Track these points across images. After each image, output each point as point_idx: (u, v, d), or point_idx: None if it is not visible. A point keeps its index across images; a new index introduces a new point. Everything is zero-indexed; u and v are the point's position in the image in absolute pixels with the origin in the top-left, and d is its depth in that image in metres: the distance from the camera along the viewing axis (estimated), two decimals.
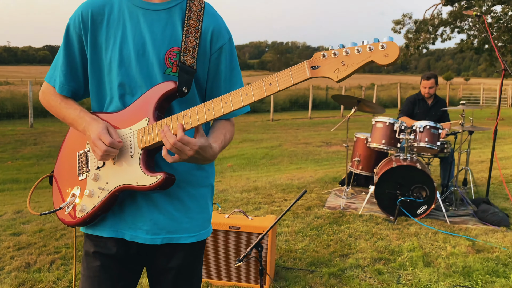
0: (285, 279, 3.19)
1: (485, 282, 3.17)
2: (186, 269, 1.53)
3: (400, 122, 4.87)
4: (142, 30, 1.39)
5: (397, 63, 1.13)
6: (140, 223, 1.44)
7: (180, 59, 1.37)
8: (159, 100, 1.36)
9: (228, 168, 8.82)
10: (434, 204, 4.48)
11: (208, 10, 1.44)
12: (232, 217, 3.22)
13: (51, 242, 3.88)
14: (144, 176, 1.35)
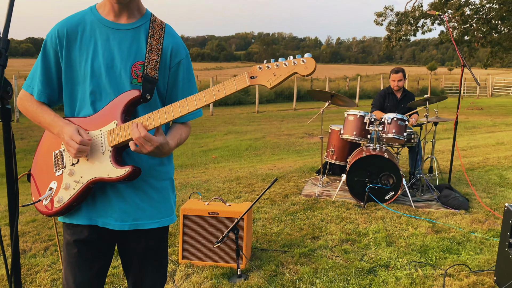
0: (260, 259, 3.53)
1: (438, 258, 3.56)
2: (153, 251, 1.80)
3: (370, 115, 5.23)
4: (111, 47, 1.63)
5: (312, 73, 1.45)
6: (110, 212, 1.68)
7: (144, 71, 1.63)
8: (126, 105, 1.61)
9: (213, 159, 9.13)
10: (400, 191, 4.86)
11: (168, 30, 1.72)
12: (211, 204, 3.54)
13: (44, 230, 4.17)
14: (114, 169, 1.59)
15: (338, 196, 5.20)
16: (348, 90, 30.23)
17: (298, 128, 14.22)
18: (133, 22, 1.67)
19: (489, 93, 32.42)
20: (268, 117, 19.34)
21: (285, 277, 3.24)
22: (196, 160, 9.13)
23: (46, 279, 3.19)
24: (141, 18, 1.68)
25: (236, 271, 3.28)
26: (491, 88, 32.94)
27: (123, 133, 1.57)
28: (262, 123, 16.91)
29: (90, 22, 1.65)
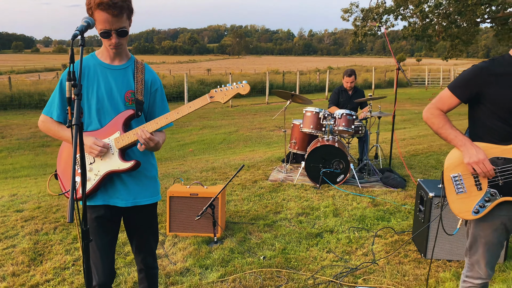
0: (232, 230, 4.43)
1: (372, 224, 4.55)
2: (148, 220, 2.61)
3: (323, 111, 6.18)
4: (110, 81, 2.36)
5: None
6: (117, 194, 2.45)
7: (135, 97, 2.42)
8: (125, 120, 2.38)
9: (190, 153, 9.96)
10: (349, 174, 5.84)
11: (147, 68, 2.51)
12: (192, 187, 4.42)
13: (50, 214, 4.95)
14: (122, 163, 2.37)
15: (299, 180, 6.15)
16: (318, 83, 31.29)
17: (270, 122, 15.13)
18: (123, 64, 2.43)
19: None
20: (241, 111, 20.08)
21: (251, 241, 4.16)
22: (174, 154, 9.95)
23: (61, 250, 4.01)
24: (128, 61, 2.46)
25: (213, 239, 4.17)
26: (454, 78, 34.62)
27: (126, 139, 2.36)
28: (236, 117, 17.72)
29: (93, 65, 2.40)
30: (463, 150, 2.28)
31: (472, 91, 2.31)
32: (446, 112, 2.42)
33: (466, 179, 2.31)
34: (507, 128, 2.23)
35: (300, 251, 3.96)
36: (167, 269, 3.63)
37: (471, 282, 2.48)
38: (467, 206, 2.31)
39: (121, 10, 2.18)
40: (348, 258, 3.84)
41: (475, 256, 2.43)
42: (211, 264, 3.72)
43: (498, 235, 2.34)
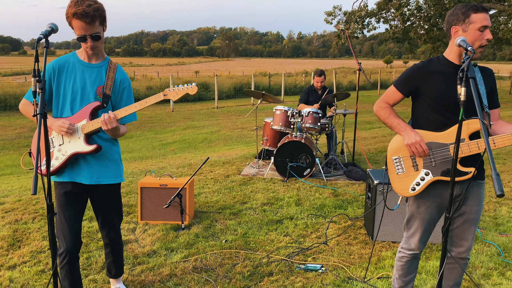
0: (200, 218, 4.79)
1: (328, 212, 4.93)
2: (112, 198, 2.97)
3: (291, 109, 6.57)
4: (85, 77, 2.78)
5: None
6: (82, 173, 2.82)
7: (104, 91, 2.80)
8: (92, 110, 2.76)
9: (170, 151, 10.28)
10: (315, 168, 6.23)
11: (119, 68, 2.89)
12: (162, 179, 4.77)
13: (30, 207, 5.26)
14: (86, 146, 2.75)
15: (269, 174, 6.52)
16: (304, 84, 31.76)
17: (252, 122, 15.48)
18: (98, 63, 2.82)
19: None
20: (226, 112, 20.36)
21: (216, 227, 4.51)
22: (156, 152, 10.26)
23: (38, 236, 4.32)
24: (103, 61, 2.85)
25: (181, 226, 4.52)
26: None
27: (90, 126, 2.74)
28: (220, 118, 18.03)
29: (72, 62, 2.80)
30: (403, 134, 2.64)
31: (412, 87, 2.68)
32: (392, 105, 2.79)
33: (405, 161, 2.68)
34: (440, 118, 2.61)
35: (259, 235, 4.33)
36: (135, 252, 3.97)
37: (404, 252, 2.86)
38: (406, 185, 2.68)
39: (93, 18, 2.56)
40: (302, 240, 4.22)
41: (411, 230, 2.80)
42: (177, 247, 4.06)
43: (432, 212, 2.71)
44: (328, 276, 3.49)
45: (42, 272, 3.59)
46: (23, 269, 3.62)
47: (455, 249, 2.75)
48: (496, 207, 5.12)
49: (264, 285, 3.38)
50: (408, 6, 22.31)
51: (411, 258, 2.83)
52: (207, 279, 3.46)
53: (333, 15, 24.62)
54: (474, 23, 2.42)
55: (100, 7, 2.59)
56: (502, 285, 3.37)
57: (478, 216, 2.66)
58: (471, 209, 2.63)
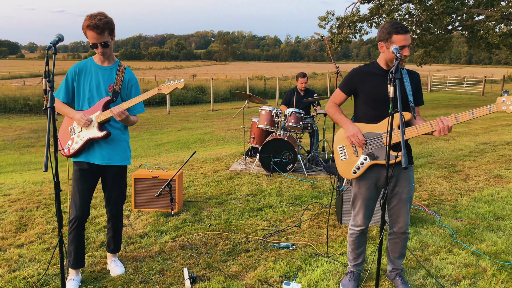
0: (188, 206, 5.30)
1: (305, 201, 5.45)
2: (118, 178, 3.53)
3: (276, 109, 7.09)
4: (99, 77, 3.37)
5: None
6: (96, 155, 3.40)
7: (114, 88, 3.39)
8: (104, 104, 3.33)
9: (165, 151, 10.80)
10: (297, 164, 6.74)
11: (127, 69, 3.46)
12: (154, 171, 5.28)
13: (33, 197, 5.76)
14: (98, 133, 3.32)
15: (255, 170, 7.04)
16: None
17: (246, 123, 16.01)
18: (110, 66, 3.41)
19: (428, 89, 35.41)
20: (221, 114, 20.88)
21: (202, 214, 5.03)
22: (151, 152, 10.78)
23: (42, 222, 4.83)
24: (114, 63, 3.43)
25: (171, 212, 5.03)
26: (430, 84, 35.97)
27: (103, 116, 3.31)
28: (215, 120, 18.56)
29: (89, 65, 3.39)
30: (345, 128, 3.18)
31: (351, 87, 3.23)
32: (339, 105, 3.33)
33: (348, 149, 3.21)
34: (374, 112, 3.14)
35: (241, 220, 4.84)
36: (129, 234, 4.48)
37: (353, 229, 3.39)
38: (348, 169, 3.21)
39: (102, 30, 3.16)
40: (278, 224, 4.73)
41: (356, 209, 3.33)
42: (166, 230, 4.57)
43: (371, 192, 3.24)
44: (297, 252, 4.01)
45: (47, 249, 4.09)
46: (30, 247, 4.13)
47: (395, 225, 3.28)
48: (458, 197, 5.65)
49: (241, 259, 3.89)
50: (398, 11, 22.91)
51: (359, 234, 3.35)
52: (191, 255, 3.97)
53: (326, 20, 25.26)
54: (395, 42, 2.96)
55: (109, 21, 3.19)
56: (448, 259, 3.89)
57: (410, 195, 3.19)
58: (403, 189, 3.16)
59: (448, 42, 27.06)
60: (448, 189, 6.01)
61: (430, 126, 2.96)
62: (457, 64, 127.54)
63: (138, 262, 3.85)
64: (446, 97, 29.25)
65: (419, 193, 5.84)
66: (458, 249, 4.10)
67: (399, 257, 3.45)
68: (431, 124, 2.96)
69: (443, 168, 7.21)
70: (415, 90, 3.16)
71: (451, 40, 28.09)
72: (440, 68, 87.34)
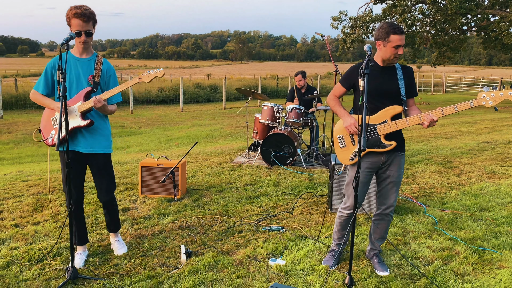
0: (190, 193, 5.71)
1: (300, 192, 5.81)
2: (103, 166, 3.83)
3: (277, 106, 7.47)
4: (78, 69, 3.66)
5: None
6: (80, 143, 3.70)
7: (93, 78, 3.70)
8: (85, 94, 3.64)
9: (175, 145, 11.25)
10: (296, 157, 7.10)
11: (105, 60, 3.78)
12: (159, 160, 5.70)
13: (47, 184, 6.24)
14: (81, 121, 3.62)
15: (256, 162, 7.42)
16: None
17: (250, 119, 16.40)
18: (88, 58, 3.70)
19: (443, 90, 35.32)
20: (233, 112, 21.24)
21: (203, 200, 5.43)
22: (161, 146, 11.24)
23: (56, 204, 5.28)
24: (92, 55, 3.73)
25: (174, 198, 5.45)
26: (445, 85, 35.86)
27: (84, 106, 3.60)
28: (226, 117, 18.98)
29: (68, 58, 3.67)
30: (343, 119, 3.55)
31: (350, 82, 3.59)
32: (338, 97, 3.69)
33: (346, 138, 3.57)
34: (370, 105, 3.49)
35: (237, 206, 5.23)
36: (134, 215, 4.90)
37: (342, 212, 3.73)
38: (347, 156, 3.57)
39: (88, 18, 3.47)
40: (272, 211, 5.10)
41: (349, 191, 3.67)
42: (168, 213, 4.99)
43: (366, 175, 3.58)
44: (286, 234, 4.38)
45: (60, 227, 4.54)
46: (45, 225, 4.58)
47: (381, 207, 3.63)
48: (448, 190, 5.94)
49: (234, 239, 4.28)
50: (410, 12, 23.01)
51: (347, 217, 3.70)
52: (189, 234, 4.38)
53: (339, 20, 25.51)
54: (391, 42, 3.31)
55: (93, 12, 3.51)
56: (426, 243, 4.21)
57: (399, 180, 3.56)
58: (393, 174, 3.52)
59: (463, 43, 27.03)
60: (440, 183, 6.30)
61: (418, 118, 3.32)
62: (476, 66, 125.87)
63: (141, 239, 4.26)
64: (461, 98, 29.18)
65: (411, 186, 6.15)
66: (438, 235, 4.41)
67: (380, 239, 3.79)
68: (420, 116, 3.31)
69: (439, 164, 7.49)
70: (408, 84, 3.51)
71: (466, 40, 28.03)
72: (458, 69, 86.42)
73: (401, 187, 6.08)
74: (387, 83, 3.45)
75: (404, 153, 3.60)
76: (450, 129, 12.80)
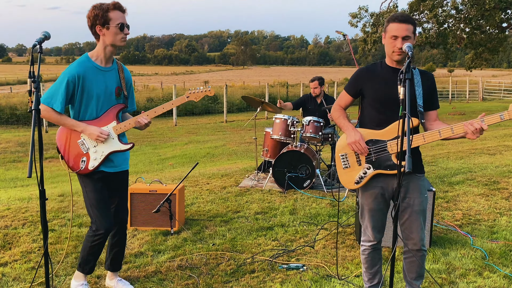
0: (190, 225, 5.57)
1: (322, 220, 5.66)
2: (126, 184, 3.88)
3: (292, 118, 7.36)
4: (104, 81, 3.58)
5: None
6: (107, 163, 3.64)
7: (123, 92, 3.67)
8: (118, 112, 3.63)
9: (169, 166, 11.15)
10: (315, 179, 6.97)
11: (124, 67, 3.77)
12: (151, 185, 5.58)
13: (19, 214, 6.11)
14: (123, 145, 3.62)
15: (268, 186, 7.29)
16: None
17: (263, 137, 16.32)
18: (111, 66, 3.66)
19: (480, 97, 35.22)
20: (236, 126, 21.15)
21: (205, 233, 5.29)
22: (153, 167, 11.15)
23: (28, 240, 5.16)
24: (113, 62, 3.69)
25: (170, 231, 5.30)
26: (482, 91, 35.77)
27: (124, 128, 3.60)
28: (228, 132, 18.92)
29: (91, 68, 3.56)
30: (346, 133, 3.42)
31: (357, 88, 3.48)
32: (344, 108, 3.59)
33: (350, 157, 3.44)
34: (379, 116, 3.38)
35: (248, 240, 5.08)
36: None
37: (364, 245, 3.60)
38: (351, 178, 3.44)
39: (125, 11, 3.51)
40: (290, 245, 4.95)
41: (364, 222, 3.55)
42: (164, 249, 4.84)
43: (378, 203, 3.45)
44: (307, 274, 4.22)
45: (33, 268, 4.40)
46: (14, 266, 4.45)
47: (409, 242, 3.47)
48: (497, 217, 5.77)
49: (245, 280, 4.12)
50: (442, 7, 23.04)
51: (372, 250, 3.56)
52: (190, 275, 4.23)
53: (358, 17, 25.55)
54: (388, 32, 3.21)
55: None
56: (476, 282, 4.04)
57: (422, 208, 3.38)
58: (414, 201, 3.36)
59: (502, 43, 26.97)
60: (487, 208, 6.14)
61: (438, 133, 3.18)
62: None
63: (132, 282, 4.11)
64: (500, 106, 29.03)
65: (453, 212, 5.99)
66: (489, 272, 4.24)
67: (417, 278, 3.62)
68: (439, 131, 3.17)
69: (483, 185, 7.33)
70: (427, 93, 3.35)
71: (505, 40, 27.99)
72: (495, 73, 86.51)
73: (442, 214, 5.92)
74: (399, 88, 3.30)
75: (423, 175, 3.44)
76: (492, 143, 12.65)
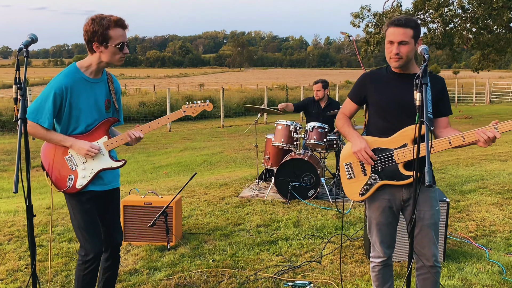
0: (188, 239, 5.46)
1: (328, 233, 5.57)
2: (118, 202, 3.75)
3: (294, 124, 7.28)
4: (94, 93, 3.47)
5: None
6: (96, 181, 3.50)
7: (112, 104, 3.57)
8: (109, 126, 3.52)
9: (164, 175, 11.04)
10: (320, 189, 6.88)
11: (113, 77, 3.67)
12: (146, 197, 5.48)
13: (4, 229, 6.00)
14: (114, 163, 3.50)
15: (269, 196, 7.20)
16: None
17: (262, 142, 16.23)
18: (100, 77, 3.53)
19: (487, 100, 35.24)
20: (233, 132, 21.03)
21: (204, 248, 5.19)
22: (146, 176, 11.04)
23: (14, 256, 5.05)
24: (103, 74, 3.57)
25: (167, 246, 5.20)
26: (489, 94, 35.79)
27: (115, 143, 3.48)
28: (225, 138, 18.81)
29: (80, 79, 3.44)
30: (351, 141, 3.35)
31: (361, 95, 3.42)
32: (349, 116, 3.53)
33: (355, 167, 3.36)
34: (385, 123, 3.31)
35: (250, 255, 4.99)
36: None
37: (374, 261, 3.52)
38: (356, 189, 3.37)
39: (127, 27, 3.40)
40: (295, 260, 4.85)
41: (373, 237, 3.47)
42: (160, 266, 4.74)
43: (386, 216, 3.37)
44: None
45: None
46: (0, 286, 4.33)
47: (421, 258, 3.37)
48: None
49: None
50: (448, 6, 23.05)
51: (382, 266, 3.47)
52: None
53: (360, 17, 25.55)
54: (386, 37, 3.16)
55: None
56: None
57: (433, 221, 3.28)
58: (424, 214, 3.27)
59: (510, 43, 27.00)
60: (501, 219, 6.06)
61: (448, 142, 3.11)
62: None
63: None
64: (509, 109, 29.05)
65: (466, 223, 5.90)
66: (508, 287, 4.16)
67: None
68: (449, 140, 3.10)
69: (496, 194, 7.25)
70: (437, 98, 3.28)
71: None
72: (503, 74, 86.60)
73: (454, 225, 5.84)
74: (405, 94, 3.19)
75: (434, 185, 3.35)
76: (504, 149, 12.59)
